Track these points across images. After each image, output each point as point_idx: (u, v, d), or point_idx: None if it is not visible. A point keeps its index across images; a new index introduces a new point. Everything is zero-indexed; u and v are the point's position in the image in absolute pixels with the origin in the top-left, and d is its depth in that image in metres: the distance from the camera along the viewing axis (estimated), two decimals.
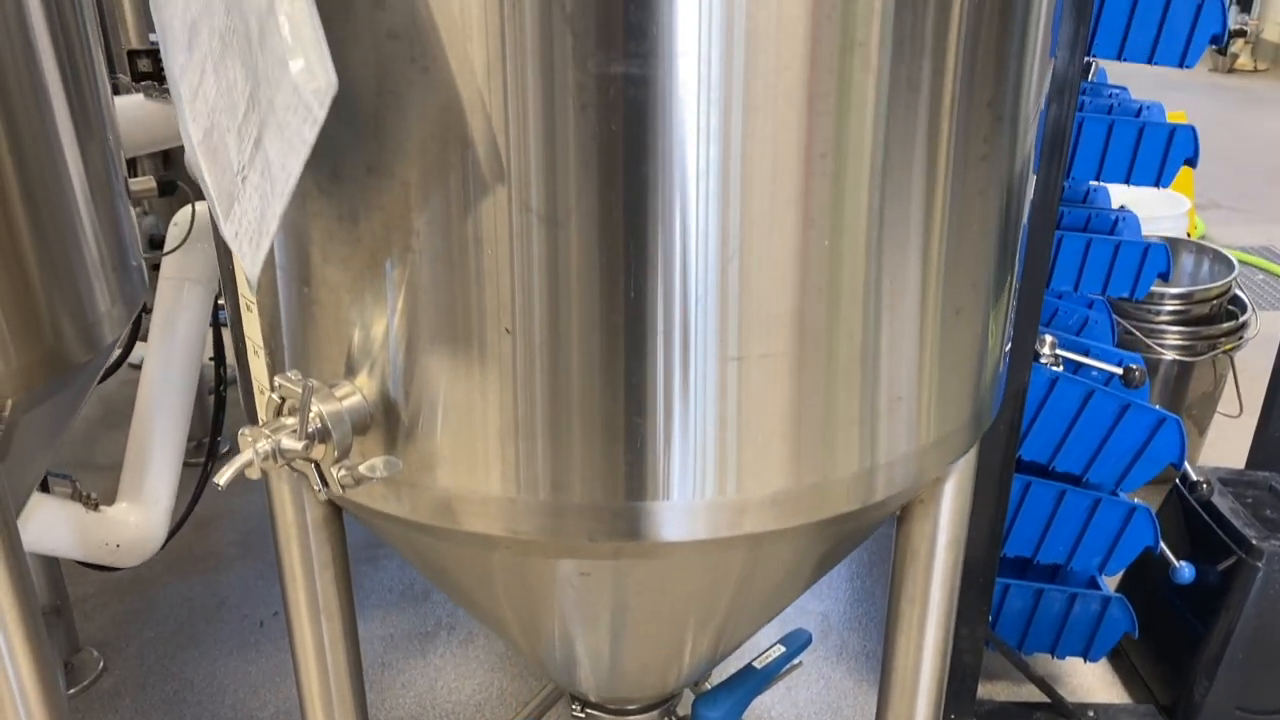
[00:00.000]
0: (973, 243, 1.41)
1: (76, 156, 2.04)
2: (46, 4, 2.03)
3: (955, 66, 1.26)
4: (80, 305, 1.92)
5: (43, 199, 1.90)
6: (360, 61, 1.18)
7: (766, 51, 1.14)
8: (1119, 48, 2.13)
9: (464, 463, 1.35)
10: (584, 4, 1.10)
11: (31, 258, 1.84)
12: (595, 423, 1.29)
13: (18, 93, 1.94)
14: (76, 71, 2.10)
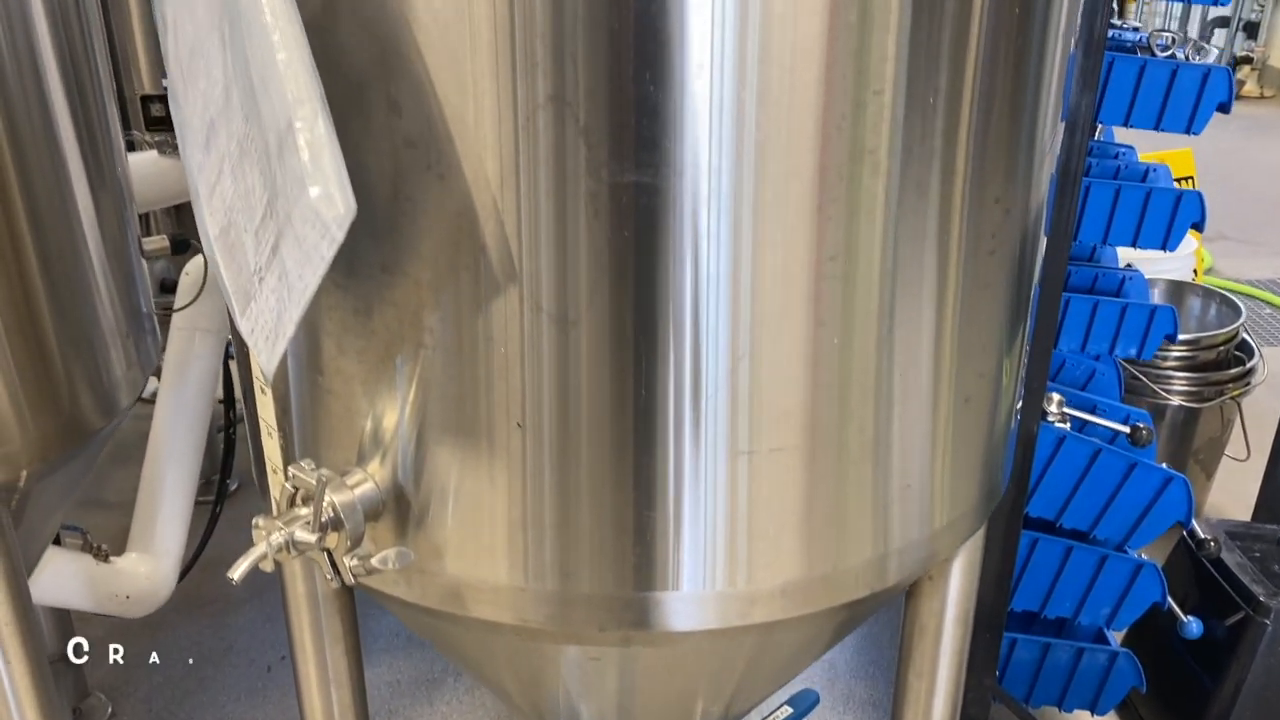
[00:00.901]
0: (981, 334, 1.42)
1: (93, 221, 2.06)
2: (64, 69, 2.06)
3: (964, 168, 1.27)
4: (97, 372, 1.94)
5: (59, 266, 1.92)
6: (377, 166, 1.20)
7: (776, 161, 1.15)
8: (1126, 115, 2.14)
9: (473, 551, 1.36)
10: (597, 116, 1.12)
11: (49, 326, 1.86)
12: (605, 515, 1.30)
13: (35, 156, 1.96)
14: (93, 137, 2.12)
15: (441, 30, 1.11)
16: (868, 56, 1.14)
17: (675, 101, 1.11)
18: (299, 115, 0.99)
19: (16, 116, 1.92)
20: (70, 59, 2.08)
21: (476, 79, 1.12)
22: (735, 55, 1.10)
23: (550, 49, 1.09)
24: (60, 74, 2.05)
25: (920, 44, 1.16)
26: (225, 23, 1.12)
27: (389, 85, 1.16)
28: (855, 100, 1.15)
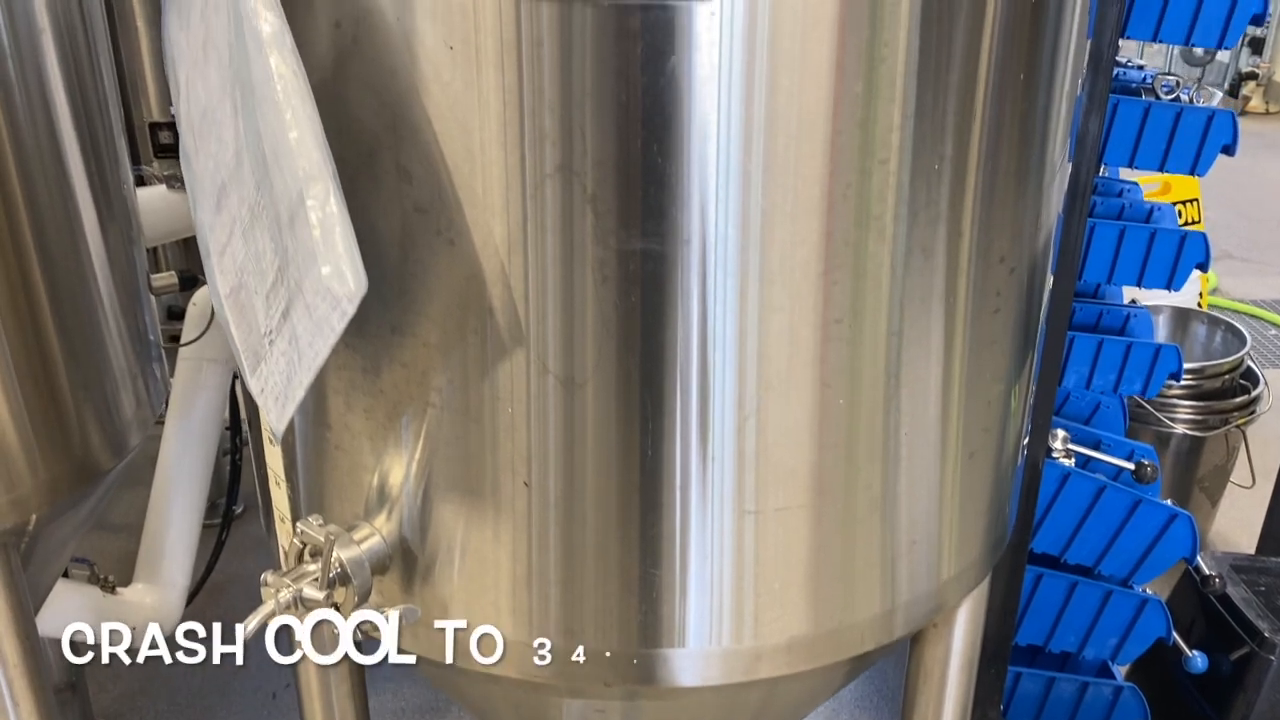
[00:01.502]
0: (986, 391, 1.43)
1: (103, 259, 2.06)
2: (74, 106, 2.06)
3: (970, 230, 1.28)
4: (107, 412, 1.94)
5: (71, 307, 1.92)
6: (387, 230, 1.21)
7: (782, 228, 1.16)
8: (1130, 156, 2.15)
9: (479, 606, 1.37)
10: (605, 185, 1.13)
11: (62, 368, 1.86)
12: (610, 573, 1.31)
13: (46, 194, 1.96)
14: (103, 174, 2.13)
15: (451, 101, 1.12)
16: (873, 126, 1.15)
17: (682, 172, 1.12)
18: (311, 193, 1.00)
19: (28, 156, 1.93)
20: (80, 94, 2.09)
21: (485, 148, 1.13)
22: (741, 126, 1.11)
23: (559, 120, 1.10)
24: (70, 111, 2.06)
25: (925, 113, 1.17)
26: (237, 90, 1.13)
27: (399, 152, 1.17)
28: (861, 169, 1.16)
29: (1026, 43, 1.24)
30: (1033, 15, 1.24)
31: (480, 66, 1.09)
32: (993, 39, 1.19)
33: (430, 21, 1.09)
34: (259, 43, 1.01)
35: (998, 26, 1.19)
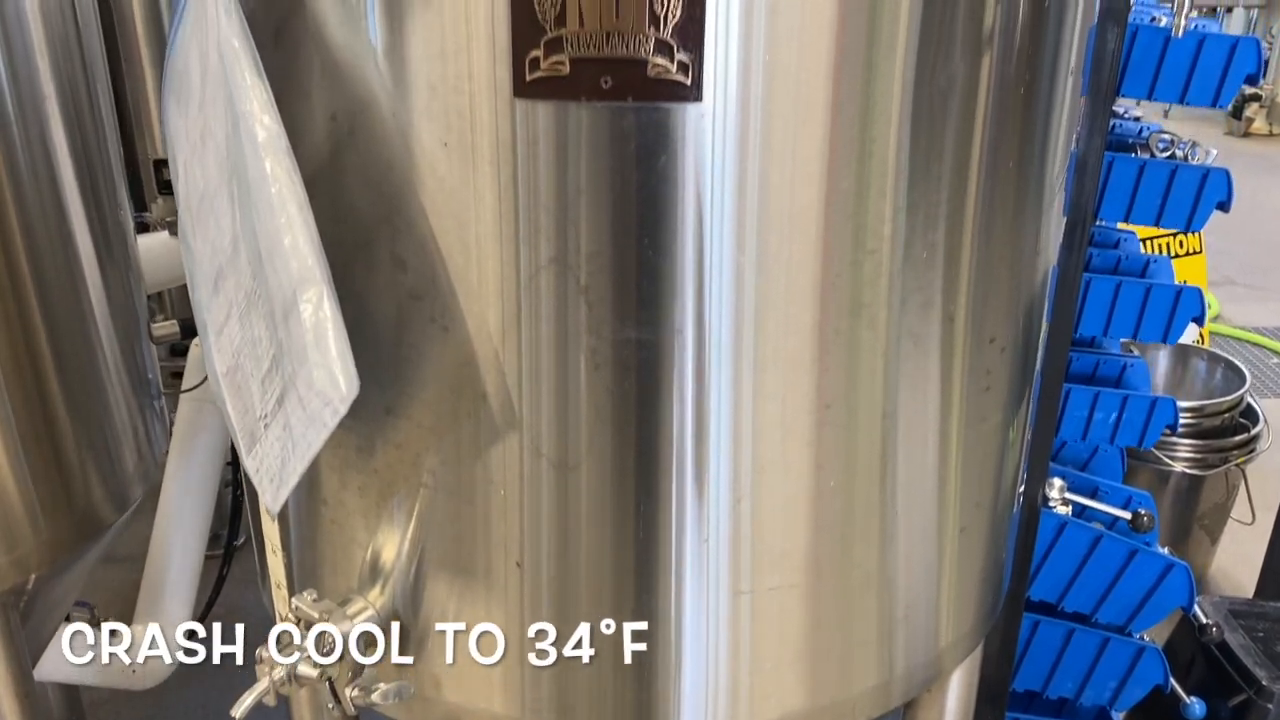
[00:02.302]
0: (978, 466, 1.43)
1: (105, 312, 2.07)
2: (75, 157, 2.07)
3: (961, 314, 1.29)
4: (110, 466, 1.95)
5: (73, 362, 1.93)
6: (382, 315, 1.22)
7: (774, 319, 1.17)
8: (1126, 212, 2.17)
9: (471, 682, 1.37)
10: (598, 277, 1.14)
11: (64, 423, 1.87)
12: (604, 653, 1.32)
13: (48, 248, 1.97)
14: (105, 226, 2.14)
15: (446, 195, 1.13)
16: (864, 219, 1.16)
17: (675, 265, 1.13)
18: (304, 296, 1.01)
19: (29, 207, 1.94)
20: (81, 142, 2.09)
21: (480, 241, 1.14)
22: (734, 222, 1.12)
23: (553, 215, 1.11)
24: (72, 160, 2.07)
25: (916, 204, 1.18)
26: (234, 183, 1.15)
27: (395, 243, 1.18)
28: (852, 260, 1.17)
29: (1018, 131, 1.25)
30: (1024, 102, 1.25)
31: (475, 163, 1.11)
32: (984, 129, 1.20)
33: (426, 119, 1.10)
34: (255, 145, 1.02)
35: (989, 116, 1.20)
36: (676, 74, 1.04)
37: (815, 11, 1.05)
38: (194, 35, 1.17)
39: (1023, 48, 1.20)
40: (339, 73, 1.13)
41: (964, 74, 1.15)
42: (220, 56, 1.11)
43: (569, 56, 1.04)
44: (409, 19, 1.07)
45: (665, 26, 1.03)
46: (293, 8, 1.14)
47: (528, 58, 1.04)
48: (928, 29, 1.10)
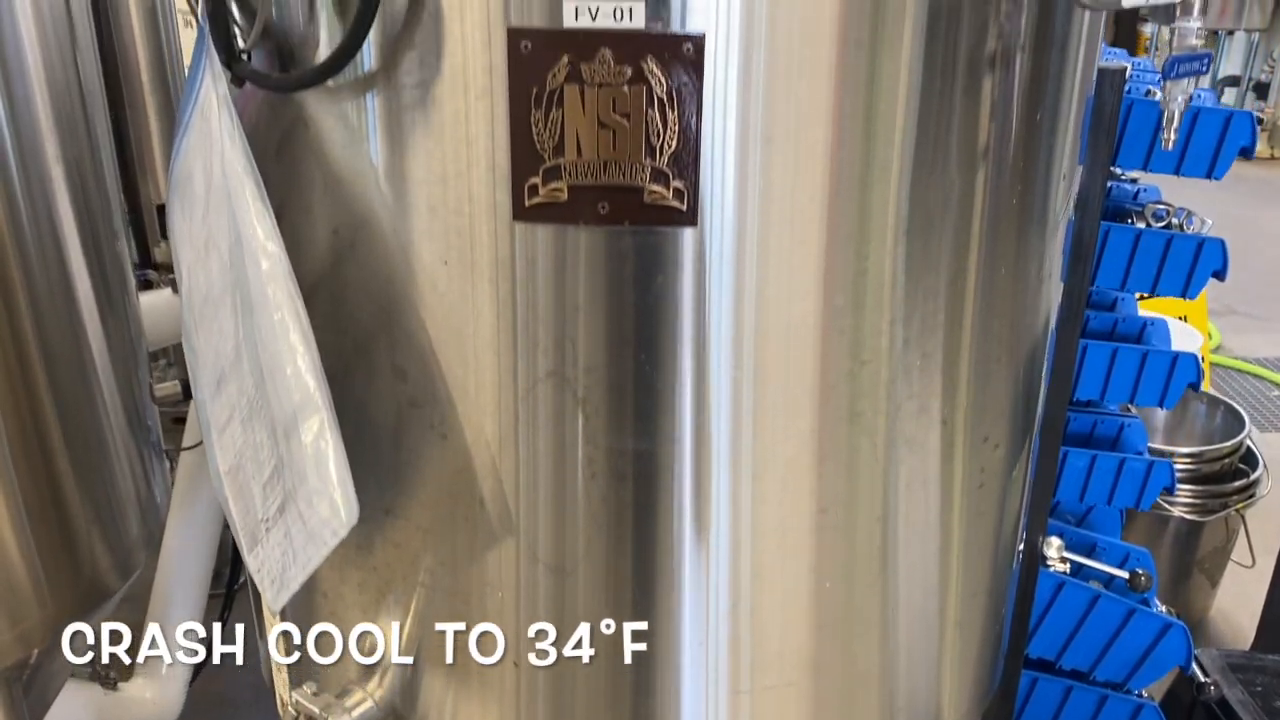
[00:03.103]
0: (974, 559, 1.45)
1: (110, 378, 2.08)
2: (82, 228, 2.08)
3: (955, 418, 1.30)
4: (116, 533, 1.96)
5: (79, 431, 1.94)
6: (382, 420, 1.24)
7: (771, 428, 1.19)
8: (1122, 280, 2.18)
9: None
10: (595, 390, 1.15)
11: (70, 493, 1.88)
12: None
13: (51, 312, 1.98)
14: (109, 288, 2.15)
15: (446, 310, 1.15)
16: (860, 332, 1.17)
17: (671, 380, 1.14)
18: (305, 423, 1.03)
19: (35, 276, 1.95)
20: (85, 201, 2.10)
21: (479, 354, 1.16)
22: (731, 337, 1.13)
23: (551, 331, 1.13)
24: (77, 224, 2.08)
25: (911, 316, 1.19)
26: (238, 296, 1.16)
27: (394, 352, 1.19)
28: (848, 371, 1.18)
29: (1014, 237, 1.27)
30: (1019, 209, 1.26)
31: (475, 280, 1.12)
32: (980, 239, 1.22)
33: (427, 238, 1.12)
34: (259, 271, 1.04)
35: (984, 227, 1.21)
36: (672, 200, 1.06)
37: (809, 139, 1.07)
38: (198, 146, 1.19)
39: (1016, 160, 1.21)
40: (340, 189, 1.15)
41: (958, 190, 1.16)
42: (224, 173, 1.12)
43: (567, 184, 1.05)
44: (410, 142, 1.09)
45: (661, 155, 1.04)
46: (295, 122, 1.16)
47: (527, 184, 1.06)
48: (922, 150, 1.11)
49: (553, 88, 1.02)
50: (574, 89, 1.02)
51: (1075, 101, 1.30)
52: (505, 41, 1.01)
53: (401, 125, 1.09)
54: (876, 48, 1.05)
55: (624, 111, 1.03)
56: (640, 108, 1.02)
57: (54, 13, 1.98)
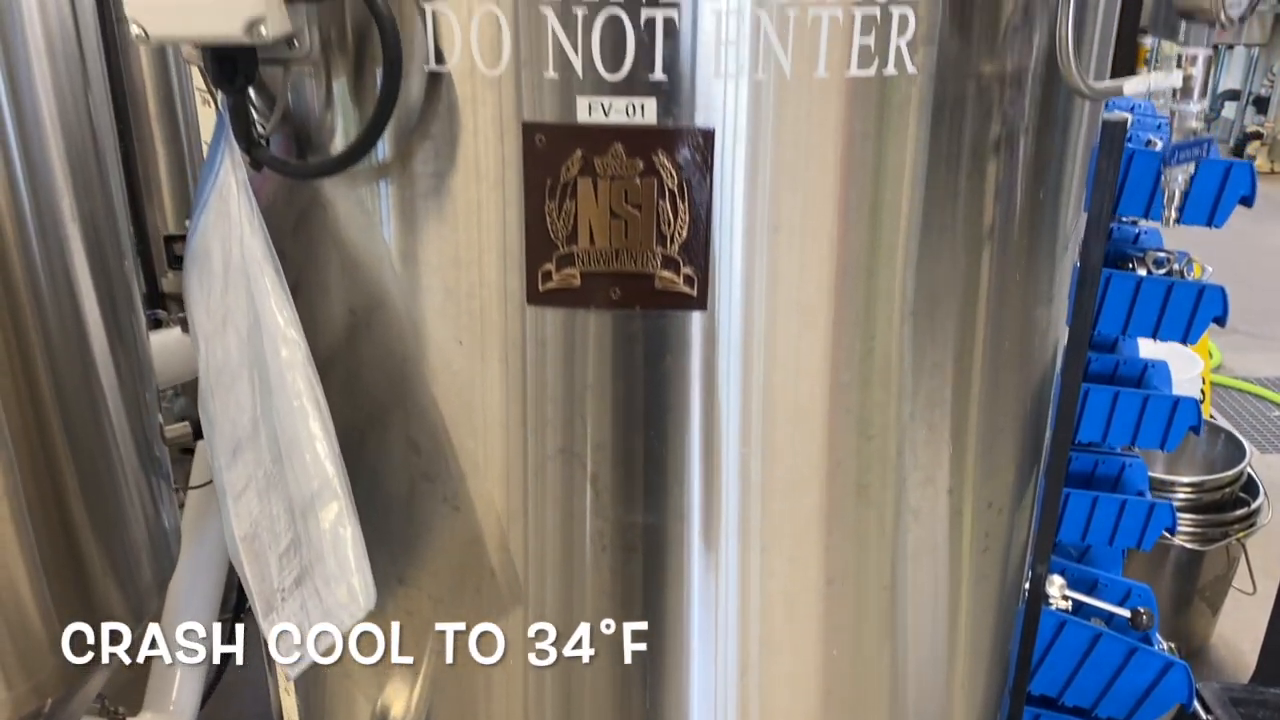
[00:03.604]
0: (979, 619, 1.46)
1: (123, 422, 2.08)
2: (92, 259, 2.08)
3: (960, 488, 1.32)
4: (130, 578, 1.97)
5: (93, 477, 1.95)
6: (396, 491, 1.26)
7: (780, 503, 1.20)
8: (1124, 325, 2.21)
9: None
10: (604, 466, 1.17)
11: (88, 541, 1.89)
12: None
13: (64, 352, 2.00)
14: (122, 332, 2.16)
15: (458, 387, 1.17)
16: (867, 409, 1.19)
17: (681, 457, 1.16)
18: (323, 508, 1.05)
19: (46, 307, 1.96)
20: (95, 233, 2.10)
21: (491, 430, 1.18)
22: (738, 416, 1.15)
23: (561, 409, 1.15)
24: (87, 254, 2.08)
25: (918, 391, 1.21)
26: (256, 375, 1.18)
27: (408, 427, 1.21)
28: (855, 447, 1.20)
29: (1018, 314, 1.29)
30: (1023, 285, 1.28)
31: (487, 360, 1.14)
32: (985, 317, 1.24)
33: (441, 318, 1.14)
34: (278, 359, 1.06)
35: (989, 307, 1.23)
36: (683, 286, 1.08)
37: (815, 228, 1.09)
38: (216, 225, 1.21)
39: (1020, 237, 1.23)
40: (357, 271, 1.17)
41: (964, 269, 1.18)
42: (243, 256, 1.14)
43: (580, 270, 1.07)
44: (425, 228, 1.11)
45: (671, 244, 1.06)
46: (312, 203, 1.18)
47: (541, 270, 1.08)
48: (927, 234, 1.13)
49: (566, 180, 1.04)
50: (587, 181, 1.04)
51: (1077, 176, 1.32)
52: (520, 135, 1.03)
53: (417, 211, 1.11)
54: (882, 139, 1.07)
55: (636, 202, 1.05)
56: (652, 198, 1.05)
57: (66, 47, 1.99)
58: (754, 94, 1.02)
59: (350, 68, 1.08)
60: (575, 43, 0.99)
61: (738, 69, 1.01)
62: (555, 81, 1.01)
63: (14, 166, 1.88)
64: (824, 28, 1.00)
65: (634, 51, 0.99)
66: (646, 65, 1.00)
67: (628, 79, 1.00)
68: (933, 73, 1.06)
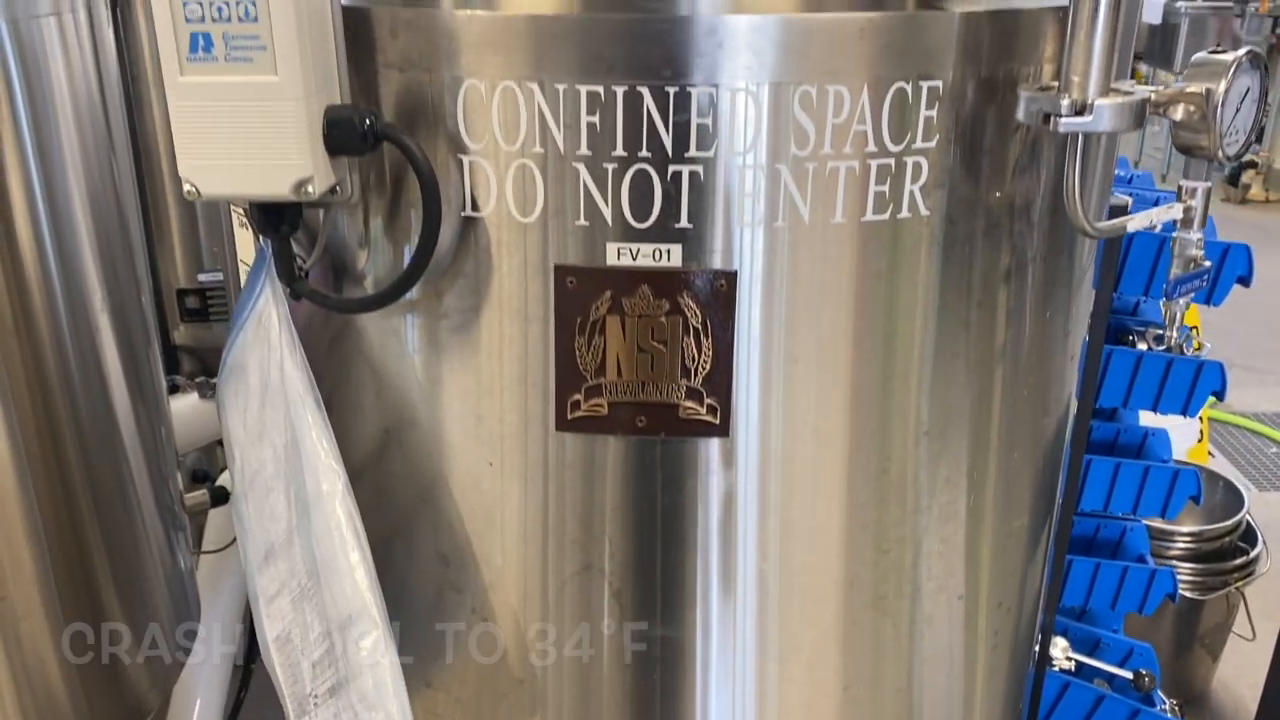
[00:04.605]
0: (990, 709, 1.50)
1: (148, 490, 2.10)
2: (118, 331, 2.12)
3: (971, 594, 1.36)
4: (157, 660, 2.00)
5: (121, 560, 1.98)
6: (423, 598, 1.30)
7: (797, 615, 1.24)
8: (1125, 398, 2.26)
9: None
10: (625, 582, 1.21)
11: (114, 609, 1.91)
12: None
13: (92, 431, 2.02)
14: (146, 401, 2.19)
15: (486, 506, 1.21)
16: (883, 525, 1.23)
17: (700, 573, 1.21)
18: (362, 634, 1.09)
19: (76, 391, 1.99)
20: (122, 312, 2.14)
21: (518, 546, 1.22)
22: (757, 535, 1.20)
23: (586, 529, 1.19)
24: (115, 338, 2.12)
25: (932, 506, 1.25)
26: (292, 489, 1.23)
27: (437, 540, 1.26)
28: (870, 561, 1.25)
29: (1029, 423, 1.33)
30: (1033, 401, 1.32)
31: (514, 480, 1.19)
32: (998, 435, 1.28)
33: (472, 441, 1.19)
34: (319, 489, 1.11)
35: (1001, 426, 1.28)
36: (706, 415, 1.13)
37: (832, 359, 1.13)
38: (254, 344, 1.26)
39: (1030, 355, 1.28)
40: (389, 393, 1.21)
41: (976, 390, 1.23)
42: (283, 381, 1.19)
43: (608, 400, 1.12)
44: (458, 358, 1.16)
45: (695, 376, 1.11)
46: (347, 327, 1.23)
47: (569, 400, 1.13)
48: (940, 360, 1.18)
49: (596, 318, 1.09)
50: (615, 319, 1.09)
51: (1085, 291, 1.37)
52: (551, 277, 1.08)
53: (450, 342, 1.15)
54: (896, 276, 1.12)
55: (661, 339, 1.09)
56: (677, 335, 1.09)
57: (93, 113, 2.02)
58: (774, 239, 1.07)
59: (387, 208, 1.12)
60: (605, 194, 1.04)
61: (759, 217, 1.06)
62: (586, 228, 1.06)
63: (42, 232, 1.91)
64: (841, 178, 1.05)
65: (661, 203, 1.04)
66: (673, 215, 1.05)
67: (655, 226, 1.05)
68: (944, 214, 1.11)
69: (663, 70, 0.99)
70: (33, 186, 1.63)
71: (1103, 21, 0.99)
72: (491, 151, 1.05)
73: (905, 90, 1.03)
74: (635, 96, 1.00)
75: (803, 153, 1.03)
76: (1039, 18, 1.10)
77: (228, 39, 0.93)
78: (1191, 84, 1.10)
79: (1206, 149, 1.16)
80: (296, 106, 0.95)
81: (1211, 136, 1.14)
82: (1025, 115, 1.04)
